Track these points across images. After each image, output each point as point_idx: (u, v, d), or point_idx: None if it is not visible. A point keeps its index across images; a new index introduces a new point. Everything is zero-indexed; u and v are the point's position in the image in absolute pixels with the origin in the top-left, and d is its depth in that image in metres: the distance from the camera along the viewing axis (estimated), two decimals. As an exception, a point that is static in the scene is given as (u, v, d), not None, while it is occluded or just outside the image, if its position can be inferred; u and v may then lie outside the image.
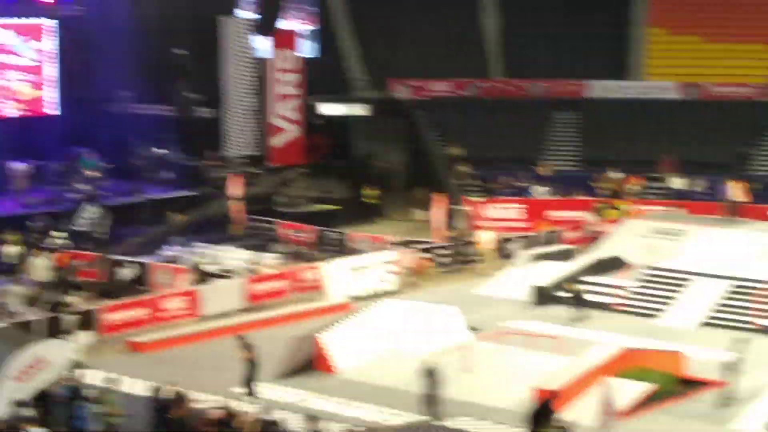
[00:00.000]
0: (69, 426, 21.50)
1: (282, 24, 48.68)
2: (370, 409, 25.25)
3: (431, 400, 24.69)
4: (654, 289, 34.96)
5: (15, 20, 44.51)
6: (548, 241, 42.13)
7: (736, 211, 40.24)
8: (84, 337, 27.88)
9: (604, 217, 44.55)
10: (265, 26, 47.09)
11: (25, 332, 27.35)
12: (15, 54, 44.67)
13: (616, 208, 45.24)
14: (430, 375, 24.87)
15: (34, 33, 45.08)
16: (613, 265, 36.97)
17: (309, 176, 47.68)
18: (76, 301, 31.78)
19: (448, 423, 21.29)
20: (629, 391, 25.63)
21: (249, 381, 25.97)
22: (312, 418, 21.52)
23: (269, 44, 48.75)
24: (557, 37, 56.73)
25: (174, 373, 25.44)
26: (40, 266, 33.14)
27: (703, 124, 51.97)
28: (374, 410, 25.14)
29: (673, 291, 34.59)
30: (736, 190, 40.92)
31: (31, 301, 31.55)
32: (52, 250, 36.19)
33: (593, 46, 56.55)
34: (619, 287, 34.85)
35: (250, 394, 25.62)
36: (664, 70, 55.95)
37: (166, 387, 22.73)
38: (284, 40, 49.30)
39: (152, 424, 22.04)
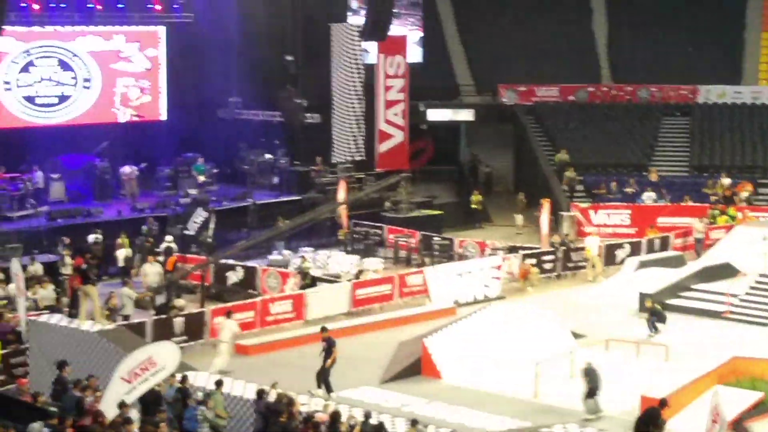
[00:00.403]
0: (178, 427, 21.77)
1: (391, 30, 48.74)
2: (475, 414, 25.16)
3: (590, 397, 25.36)
4: (766, 296, 34.29)
5: (125, 27, 45.24)
6: (656, 248, 41.58)
7: None
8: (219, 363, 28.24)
9: (715, 223, 43.92)
10: (374, 32, 47.19)
11: (135, 334, 27.78)
12: (126, 60, 45.43)
13: (728, 215, 44.56)
14: (589, 374, 25.46)
15: (144, 40, 45.82)
16: (723, 272, 36.37)
17: (415, 181, 47.70)
18: (184, 304, 32.22)
19: (553, 430, 21.11)
20: (739, 400, 25.22)
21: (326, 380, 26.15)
22: (415, 422, 21.50)
23: (378, 50, 48.86)
24: (668, 42, 56.24)
25: (279, 377, 25.66)
26: (152, 272, 33.66)
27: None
28: (479, 416, 25.04)
29: (785, 299, 33.95)
30: None
31: (141, 304, 32.03)
32: (164, 254, 36.73)
33: (705, 50, 55.99)
34: (730, 295, 34.26)
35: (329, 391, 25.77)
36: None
37: (271, 390, 22.93)
38: (393, 46, 49.38)
39: (258, 428, 22.21)
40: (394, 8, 48.78)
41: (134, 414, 20.74)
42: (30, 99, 43.19)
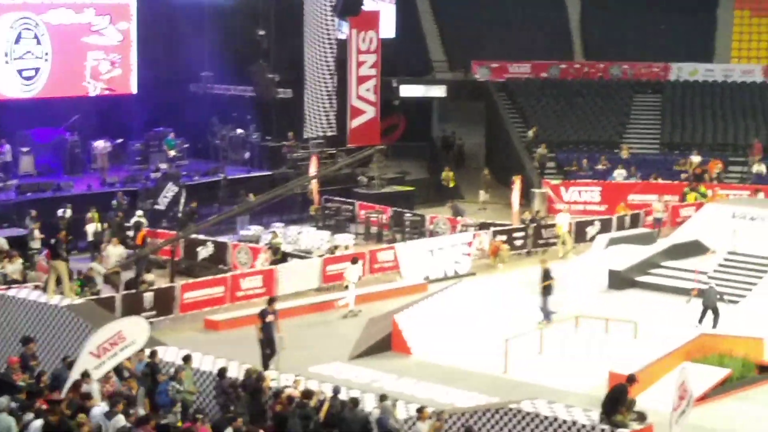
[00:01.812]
0: (149, 401, 21.76)
1: (363, 5, 48.57)
2: (445, 390, 25.24)
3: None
4: (734, 274, 34.48)
5: (96, 0, 44.88)
6: (626, 225, 41.72)
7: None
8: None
9: (686, 201, 44.12)
10: (346, 7, 47.01)
11: (104, 309, 27.70)
12: (97, 33, 45.09)
13: (698, 192, 44.74)
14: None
15: (115, 13, 45.45)
16: (692, 249, 36.53)
17: (386, 157, 47.68)
18: (154, 278, 32.12)
19: (522, 406, 21.20)
20: (707, 376, 25.38)
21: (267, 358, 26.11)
22: (384, 397, 21.54)
23: (350, 25, 48.69)
24: (640, 20, 56.34)
25: (248, 352, 25.68)
26: (114, 254, 33.37)
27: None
28: (449, 392, 25.13)
29: (754, 276, 34.09)
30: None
31: (110, 279, 31.94)
32: (134, 228, 36.60)
33: (677, 28, 56.10)
34: (699, 272, 34.41)
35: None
36: (748, 53, 55.25)
37: (243, 366, 22.94)
38: (365, 22, 49.21)
39: (224, 402, 22.20)
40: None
41: (95, 386, 20.67)
42: (19, 73, 42.85)
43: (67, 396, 19.89)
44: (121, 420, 18.65)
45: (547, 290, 30.55)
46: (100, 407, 19.27)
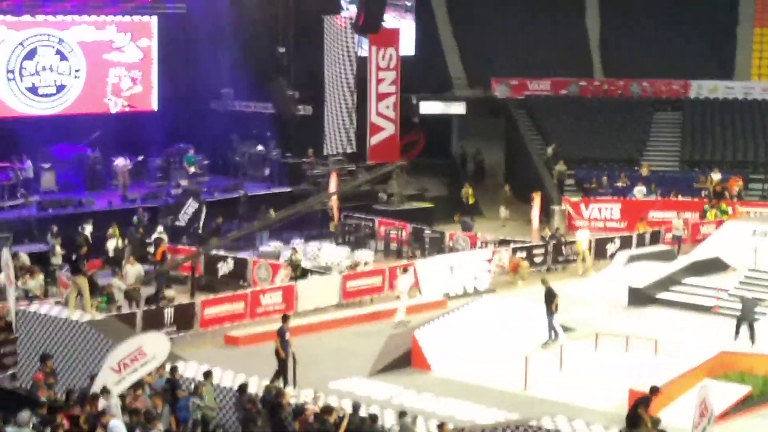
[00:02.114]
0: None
1: (384, 22, 48.71)
2: (465, 406, 25.22)
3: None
4: (755, 291, 34.32)
5: (117, 17, 45.14)
6: (646, 242, 41.63)
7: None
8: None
9: (707, 218, 44.03)
10: (366, 25, 47.15)
11: (125, 324, 27.78)
12: (118, 50, 45.34)
13: (719, 210, 44.64)
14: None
15: (137, 30, 45.71)
16: (713, 266, 36.46)
17: (406, 174, 47.73)
18: (174, 294, 32.21)
19: (542, 423, 21.17)
20: (727, 394, 25.31)
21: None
22: (403, 413, 21.55)
23: (370, 42, 48.84)
24: (660, 37, 56.32)
25: (268, 369, 25.71)
26: (132, 273, 33.39)
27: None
28: (468, 408, 25.10)
29: (775, 294, 33.99)
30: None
31: (131, 295, 32.03)
32: (154, 245, 36.71)
33: (697, 46, 56.07)
34: (719, 289, 34.32)
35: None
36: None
37: (263, 382, 22.97)
38: (385, 39, 49.34)
39: (245, 418, 22.22)
40: (387, 0, 48.68)
41: (113, 401, 20.73)
42: (31, 90, 43.05)
43: (84, 410, 19.95)
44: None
45: (552, 309, 30.09)
46: (116, 421, 19.29)
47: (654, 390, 22.19)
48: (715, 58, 56.11)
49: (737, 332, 29.96)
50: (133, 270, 33.12)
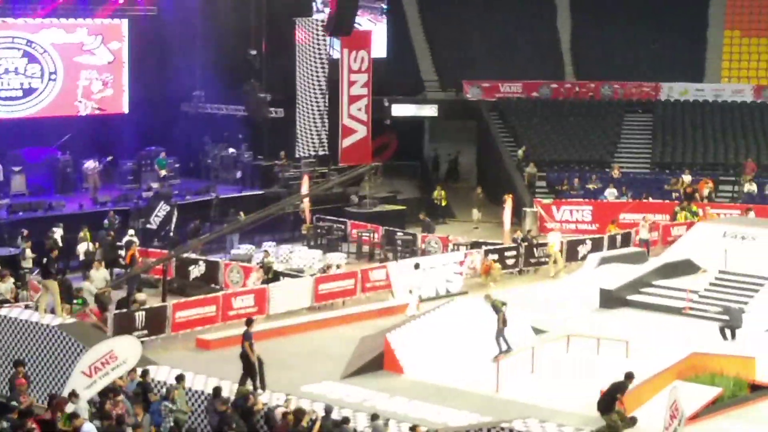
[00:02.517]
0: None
1: (355, 25, 48.72)
2: (437, 409, 25.21)
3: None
4: (725, 293, 34.53)
5: (88, 20, 44.95)
6: (618, 244, 41.76)
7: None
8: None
9: (677, 220, 44.24)
10: (338, 27, 47.14)
11: (95, 328, 27.66)
12: (89, 53, 45.16)
13: (689, 211, 44.83)
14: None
15: (107, 33, 45.54)
16: (683, 268, 36.59)
17: (378, 176, 47.78)
18: (145, 298, 32.07)
19: (514, 425, 21.20)
20: (698, 395, 25.40)
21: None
22: (375, 416, 21.54)
23: (342, 45, 48.83)
24: (631, 40, 56.59)
25: (240, 372, 25.64)
26: (98, 278, 33.14)
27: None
28: (441, 411, 25.10)
29: (745, 296, 34.15)
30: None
31: (101, 299, 31.89)
32: (125, 248, 36.58)
33: (667, 48, 56.30)
34: (690, 291, 34.48)
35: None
36: (738, 73, 55.50)
37: (234, 386, 22.93)
38: (357, 41, 49.34)
39: (213, 426, 22.16)
40: (357, 3, 48.66)
41: (83, 405, 20.67)
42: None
43: (54, 414, 19.89)
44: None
45: (500, 324, 28.92)
46: (87, 426, 19.21)
47: (629, 376, 22.40)
48: (685, 60, 56.39)
49: (725, 337, 30.27)
50: (99, 274, 32.93)
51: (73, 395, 20.73)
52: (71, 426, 19.17)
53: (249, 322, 26.83)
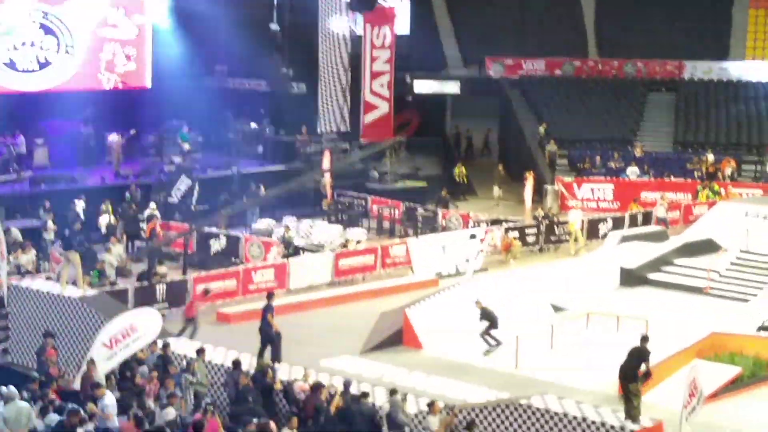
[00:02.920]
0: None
1: (378, 1, 48.62)
2: (456, 385, 25.27)
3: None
4: (746, 273, 34.44)
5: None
6: (639, 223, 41.69)
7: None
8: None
9: (699, 199, 44.13)
10: (361, 2, 47.04)
11: (117, 300, 27.81)
12: (112, 26, 45.13)
13: (711, 190, 44.72)
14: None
15: (131, 6, 45.47)
16: (704, 247, 36.49)
17: (400, 152, 47.73)
18: (167, 271, 32.21)
19: (532, 401, 21.25)
20: (717, 374, 25.39)
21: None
22: (394, 391, 21.62)
23: (364, 20, 48.71)
24: (655, 18, 56.21)
25: (259, 345, 25.75)
26: (115, 254, 33.30)
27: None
28: (459, 386, 25.16)
29: (766, 275, 34.03)
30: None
31: (123, 272, 32.05)
32: (146, 221, 36.73)
33: (691, 27, 55.96)
34: (711, 270, 34.40)
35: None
36: (763, 52, 55.21)
37: (254, 359, 23.03)
38: (380, 17, 49.21)
39: (231, 396, 22.27)
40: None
41: (100, 374, 20.82)
42: (11, 65, 42.66)
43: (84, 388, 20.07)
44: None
45: (490, 326, 28.47)
46: (108, 396, 19.34)
47: (645, 338, 22.57)
48: (709, 39, 56.08)
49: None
50: (115, 249, 33.10)
51: (91, 363, 20.88)
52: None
53: (270, 296, 27.00)
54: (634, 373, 21.98)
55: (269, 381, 22.23)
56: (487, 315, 28.27)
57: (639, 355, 22.26)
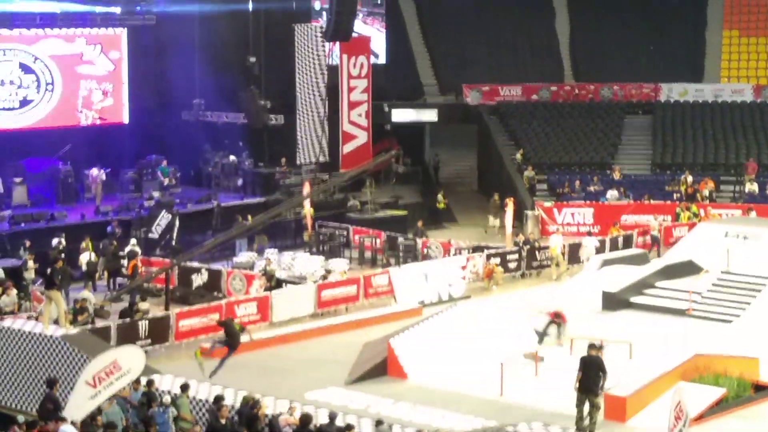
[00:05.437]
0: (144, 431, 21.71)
1: (354, 31, 48.77)
2: (442, 414, 25.21)
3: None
4: (728, 293, 34.50)
5: (87, 30, 44.98)
6: (619, 246, 41.77)
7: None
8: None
9: (680, 220, 44.26)
10: (337, 33, 47.21)
11: (99, 338, 27.68)
12: (89, 63, 45.19)
13: (690, 212, 44.86)
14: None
15: (106, 42, 45.58)
16: (686, 269, 36.53)
17: (379, 182, 47.79)
18: (148, 307, 32.09)
19: (518, 429, 21.21)
20: (702, 396, 25.40)
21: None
22: (380, 422, 21.55)
23: (341, 50, 48.86)
24: (630, 41, 56.68)
25: (244, 379, 25.68)
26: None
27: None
28: (445, 416, 25.09)
29: (748, 296, 34.12)
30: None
31: (99, 313, 31.92)
32: (128, 257, 36.62)
33: (666, 49, 56.34)
34: (692, 292, 34.46)
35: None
36: (737, 73, 55.55)
37: (239, 393, 22.92)
38: (356, 47, 49.37)
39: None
40: (358, 9, 48.70)
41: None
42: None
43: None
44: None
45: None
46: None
47: (593, 346, 22.78)
48: (684, 61, 56.45)
49: None
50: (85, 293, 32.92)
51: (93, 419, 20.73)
52: None
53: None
54: (596, 385, 22.02)
55: (254, 413, 22.11)
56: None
57: (598, 365, 22.26)
